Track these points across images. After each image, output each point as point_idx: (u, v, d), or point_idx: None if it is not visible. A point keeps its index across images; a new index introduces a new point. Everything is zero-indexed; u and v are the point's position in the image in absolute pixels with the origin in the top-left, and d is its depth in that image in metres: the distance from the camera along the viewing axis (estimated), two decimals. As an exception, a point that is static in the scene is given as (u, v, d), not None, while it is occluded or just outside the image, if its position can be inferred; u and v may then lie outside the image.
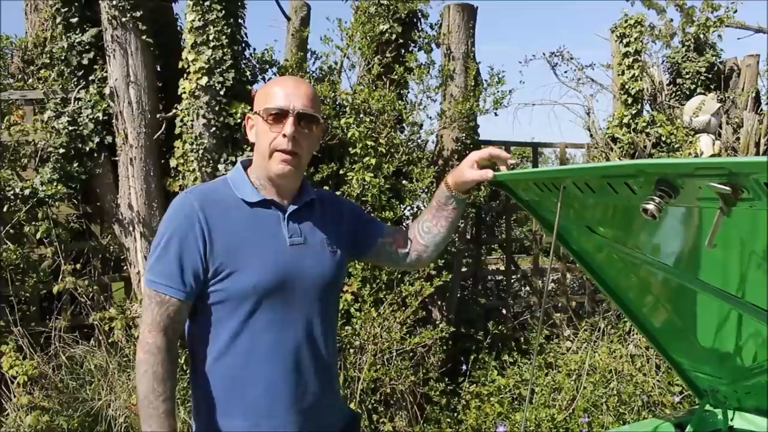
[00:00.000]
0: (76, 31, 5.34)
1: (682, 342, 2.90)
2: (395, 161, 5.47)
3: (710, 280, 2.27)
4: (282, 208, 1.97)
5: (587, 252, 2.75)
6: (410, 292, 5.27)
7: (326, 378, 2.02)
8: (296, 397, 1.93)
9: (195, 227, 1.84)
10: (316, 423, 1.98)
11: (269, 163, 1.92)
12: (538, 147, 7.83)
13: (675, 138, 7.23)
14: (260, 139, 1.94)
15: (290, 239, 1.94)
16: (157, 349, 1.81)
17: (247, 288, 1.85)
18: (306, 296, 1.94)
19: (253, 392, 1.89)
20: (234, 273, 1.85)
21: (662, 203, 1.66)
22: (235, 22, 5.16)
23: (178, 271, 1.83)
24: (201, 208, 1.86)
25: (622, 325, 6.33)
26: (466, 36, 6.17)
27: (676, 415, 3.24)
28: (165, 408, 1.79)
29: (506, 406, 5.30)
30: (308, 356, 1.94)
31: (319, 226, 2.03)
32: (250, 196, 1.94)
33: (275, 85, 1.97)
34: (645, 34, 7.59)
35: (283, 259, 1.91)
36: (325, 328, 2.01)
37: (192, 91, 5.05)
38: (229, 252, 1.86)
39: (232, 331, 1.88)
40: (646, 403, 5.38)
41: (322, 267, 1.99)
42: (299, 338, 1.93)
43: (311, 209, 2.04)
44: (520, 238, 9.08)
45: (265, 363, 1.89)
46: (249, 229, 1.90)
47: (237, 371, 1.89)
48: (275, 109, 1.89)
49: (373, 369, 5.00)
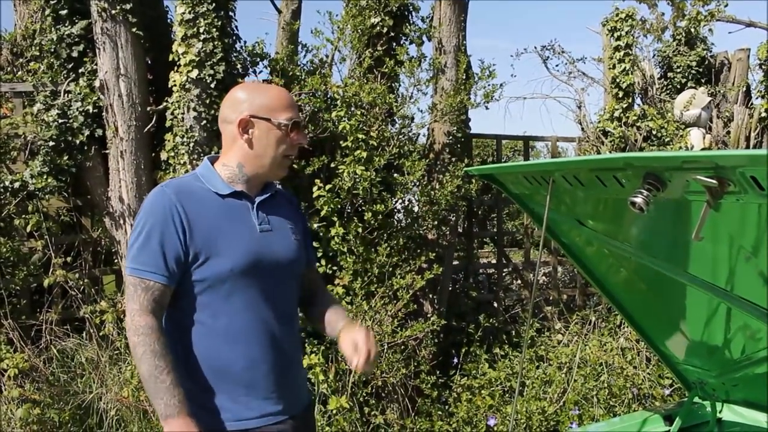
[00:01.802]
0: (66, 23, 5.31)
1: (671, 335, 2.92)
2: (386, 154, 5.47)
3: (699, 273, 2.28)
4: (250, 198, 2.13)
5: (577, 245, 2.77)
6: (401, 286, 5.28)
7: (296, 351, 2.23)
8: (275, 372, 2.09)
9: (174, 217, 1.98)
10: (294, 396, 2.17)
11: (277, 167, 2.12)
12: (529, 140, 7.83)
13: (666, 132, 7.26)
14: (270, 145, 2.08)
15: (260, 226, 2.11)
16: (150, 329, 1.93)
17: (224, 271, 2.00)
18: (277, 278, 2.12)
19: (235, 370, 2.04)
20: (211, 258, 2.00)
21: (650, 196, 1.68)
22: (226, 14, 5.14)
23: (161, 258, 1.96)
24: (178, 200, 2.00)
25: (612, 319, 6.36)
26: (458, 29, 6.16)
27: (666, 407, 3.26)
28: (171, 379, 1.91)
29: (497, 398, 5.32)
30: (282, 334, 2.12)
31: (283, 215, 2.21)
32: (221, 189, 2.09)
33: (282, 96, 2.12)
34: (636, 28, 7.61)
35: (255, 244, 2.07)
36: (291, 305, 2.21)
37: (182, 83, 5.03)
38: (206, 239, 2.00)
39: (212, 312, 2.02)
40: (636, 396, 5.41)
41: (288, 251, 2.16)
42: (274, 317, 2.09)
43: (275, 200, 2.21)
44: (511, 231, 9.09)
45: (244, 341, 2.04)
46: (223, 218, 2.06)
47: (217, 351, 2.03)
48: (295, 121, 2.09)
49: (365, 362, 5.00)
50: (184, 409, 1.91)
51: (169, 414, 1.90)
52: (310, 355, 4.86)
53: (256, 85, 2.23)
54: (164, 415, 1.90)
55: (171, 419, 1.90)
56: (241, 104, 2.09)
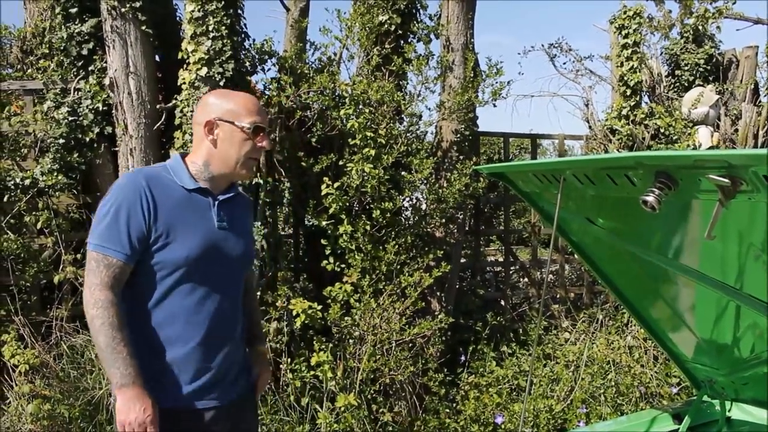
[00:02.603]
0: (76, 21, 5.33)
1: (680, 333, 2.92)
2: (394, 152, 5.47)
3: (709, 271, 2.28)
4: (213, 196, 2.30)
5: (586, 243, 2.77)
6: (409, 283, 5.28)
7: (237, 341, 2.36)
8: (208, 356, 2.24)
9: (142, 199, 2.13)
10: (229, 385, 2.32)
11: (239, 168, 2.29)
12: (536, 138, 7.82)
13: (673, 130, 7.24)
14: (234, 147, 2.26)
15: (218, 223, 2.28)
16: (109, 303, 2.07)
17: (180, 258, 2.16)
18: (225, 272, 2.28)
19: (175, 348, 2.19)
20: (170, 244, 2.16)
21: (662, 195, 1.68)
22: (235, 12, 5.14)
23: (126, 237, 2.10)
24: (147, 185, 2.16)
25: (620, 317, 6.36)
26: (465, 27, 6.16)
27: (674, 406, 3.26)
28: (128, 351, 2.06)
29: (504, 396, 5.32)
30: (222, 322, 2.27)
31: (239, 216, 2.39)
32: (188, 183, 2.26)
33: (248, 102, 2.30)
34: (644, 26, 7.59)
35: (211, 239, 2.24)
36: (237, 302, 2.36)
37: (192, 81, 5.05)
38: (167, 225, 2.16)
39: (161, 293, 2.18)
40: (643, 395, 5.40)
41: (239, 249, 2.34)
42: (216, 306, 2.25)
43: (235, 202, 2.39)
44: (518, 229, 9.09)
45: (184, 322, 2.19)
46: (185, 210, 2.22)
47: (162, 328, 2.18)
48: (259, 126, 2.27)
49: (373, 359, 5.02)
50: (138, 379, 2.06)
51: (124, 383, 2.04)
52: (319, 353, 4.87)
53: (226, 92, 2.37)
54: (119, 384, 2.04)
55: (125, 388, 2.04)
56: (209, 108, 2.28)
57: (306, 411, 4.81)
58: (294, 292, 5.28)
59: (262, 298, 5.17)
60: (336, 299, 5.11)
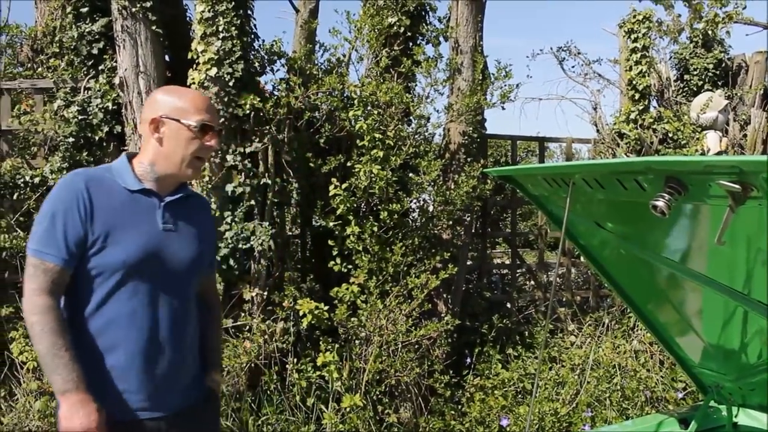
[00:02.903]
0: (86, 20, 5.37)
1: (687, 338, 2.92)
2: (402, 154, 5.48)
3: (717, 276, 2.28)
4: (159, 197, 2.22)
5: (594, 247, 2.77)
6: (416, 285, 5.29)
7: (183, 351, 2.25)
8: (150, 364, 2.15)
9: (80, 202, 2.06)
10: (167, 392, 2.21)
11: (185, 167, 2.20)
12: (544, 141, 7.81)
13: (682, 134, 7.23)
14: (180, 145, 2.18)
15: (163, 225, 2.20)
16: (49, 308, 2.01)
17: (117, 262, 2.08)
18: (170, 276, 2.19)
19: (113, 355, 2.11)
20: (108, 247, 2.09)
21: (672, 200, 1.68)
22: (245, 13, 5.17)
23: (63, 241, 2.04)
24: (86, 187, 2.09)
25: (626, 321, 6.35)
26: (474, 29, 6.17)
27: (680, 411, 3.26)
28: (69, 356, 1.99)
29: (510, 399, 5.32)
30: (167, 329, 2.18)
31: (190, 219, 2.30)
32: (131, 184, 2.18)
33: (197, 99, 2.22)
34: (653, 30, 7.57)
35: (153, 242, 2.15)
36: (185, 308, 2.25)
37: (201, 81, 5.08)
38: (106, 229, 2.08)
39: (101, 298, 2.10)
40: (649, 399, 5.39)
41: (188, 253, 2.25)
42: (159, 311, 2.16)
43: (185, 203, 2.29)
44: (524, 232, 9.09)
45: (125, 328, 2.11)
46: (126, 212, 2.14)
47: (100, 335, 2.10)
48: (206, 124, 2.18)
49: (379, 360, 5.02)
50: (82, 384, 2.00)
51: (67, 389, 1.98)
52: (325, 353, 4.88)
53: (175, 89, 2.30)
54: (61, 390, 1.98)
55: (69, 394, 1.98)
56: (156, 105, 2.20)
57: (312, 411, 4.82)
58: (301, 293, 5.29)
59: (269, 297, 5.19)
60: (343, 300, 5.12)
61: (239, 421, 4.75)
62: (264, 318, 5.12)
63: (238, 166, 5.20)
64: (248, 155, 5.25)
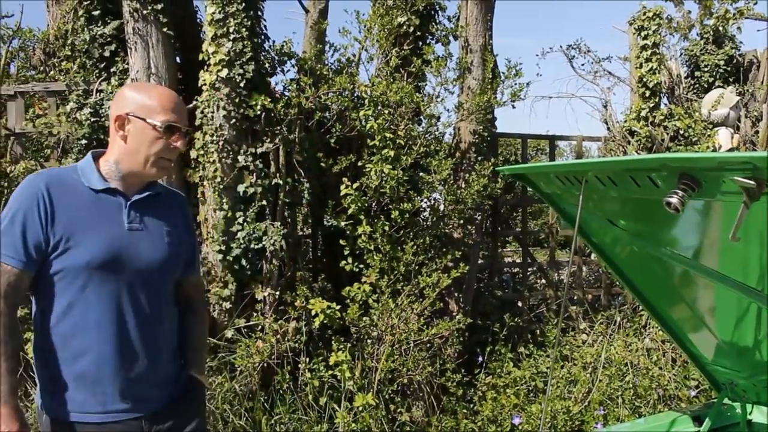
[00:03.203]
0: (98, 23, 5.40)
1: (700, 335, 2.92)
2: (413, 153, 5.49)
3: (730, 273, 2.28)
4: (126, 197, 2.17)
5: (607, 245, 2.77)
6: (428, 284, 5.30)
7: (155, 352, 2.20)
8: (123, 366, 2.11)
9: (39, 204, 2.02)
10: (143, 392, 2.18)
11: (150, 166, 2.15)
12: (554, 140, 7.80)
13: (693, 131, 7.20)
14: (145, 144, 2.13)
15: (129, 224, 2.15)
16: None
17: (81, 263, 2.04)
18: (137, 276, 2.13)
19: (83, 360, 2.08)
20: (70, 249, 2.04)
21: (685, 197, 1.68)
22: (255, 14, 5.19)
23: (21, 243, 2.01)
24: (46, 188, 2.04)
25: (638, 319, 6.34)
26: (484, 28, 6.17)
27: (693, 408, 3.26)
28: (5, 367, 1.96)
29: (522, 397, 5.33)
30: (137, 330, 2.14)
31: (160, 217, 2.25)
32: (95, 184, 2.13)
33: (164, 97, 2.16)
34: (663, 27, 7.55)
35: (119, 242, 2.10)
36: (156, 307, 2.20)
37: (212, 82, 5.10)
38: (68, 230, 2.04)
39: (67, 302, 2.06)
40: (661, 397, 5.39)
41: (156, 252, 2.19)
42: (129, 313, 2.12)
43: (155, 201, 2.24)
44: (534, 230, 9.08)
45: (94, 332, 2.07)
46: (90, 212, 2.09)
47: (69, 340, 2.07)
48: (172, 124, 2.13)
49: (391, 359, 5.03)
50: (11, 399, 1.97)
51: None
52: (337, 353, 4.90)
53: (143, 86, 2.27)
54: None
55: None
56: (123, 101, 2.15)
57: (324, 410, 4.84)
58: (312, 292, 5.31)
59: (281, 297, 5.21)
60: (354, 299, 5.13)
61: (252, 421, 4.77)
62: (276, 318, 5.14)
63: (250, 167, 5.22)
64: (259, 156, 5.27)
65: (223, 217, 5.17)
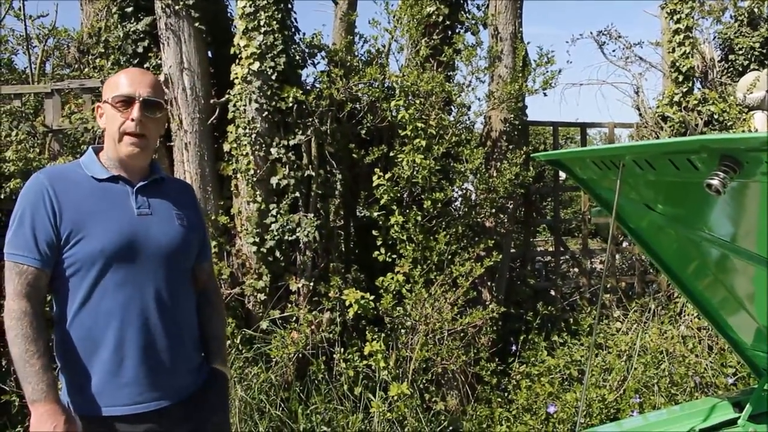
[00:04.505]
0: (131, 20, 5.46)
1: (740, 320, 2.89)
2: (444, 143, 5.49)
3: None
4: (131, 183, 2.19)
5: (644, 229, 2.75)
6: (460, 273, 5.30)
7: (177, 337, 2.20)
8: (145, 354, 2.11)
9: (45, 200, 2.04)
10: (171, 385, 2.18)
11: (119, 146, 2.16)
12: (585, 127, 7.74)
13: (728, 116, 7.09)
14: (110, 125, 2.17)
15: (138, 210, 2.16)
16: (23, 313, 1.98)
17: (95, 252, 2.05)
18: (152, 261, 2.14)
19: (105, 350, 2.07)
20: (82, 240, 2.05)
21: (727, 178, 1.67)
22: (285, 7, 5.23)
23: (33, 242, 2.02)
24: (50, 184, 2.07)
25: (673, 306, 6.28)
26: (514, 16, 6.14)
27: (732, 394, 3.22)
28: (41, 364, 1.96)
29: (556, 386, 5.31)
30: (157, 316, 2.13)
31: (169, 201, 2.26)
32: (98, 174, 2.16)
33: (122, 74, 2.20)
34: (696, 10, 7.43)
35: (129, 227, 2.11)
36: (174, 292, 2.20)
37: (244, 76, 5.15)
38: (77, 222, 2.05)
39: (85, 292, 2.06)
40: (698, 385, 5.33)
41: (168, 236, 2.20)
42: (147, 299, 2.12)
43: (160, 186, 2.27)
44: (567, 219, 9.02)
45: (114, 321, 2.07)
46: (97, 202, 2.11)
47: (90, 330, 2.07)
48: (123, 96, 2.14)
49: (425, 349, 5.06)
50: (51, 394, 1.96)
51: (36, 399, 1.95)
52: (371, 343, 4.93)
53: (118, 72, 2.26)
54: (31, 399, 1.96)
55: (38, 404, 1.95)
56: (103, 92, 2.23)
57: (359, 400, 4.88)
58: (346, 283, 5.35)
59: (315, 288, 5.25)
60: (388, 289, 5.16)
61: (288, 411, 4.82)
62: (310, 309, 5.18)
63: (282, 159, 5.26)
64: (292, 148, 5.31)
65: (257, 209, 5.22)
